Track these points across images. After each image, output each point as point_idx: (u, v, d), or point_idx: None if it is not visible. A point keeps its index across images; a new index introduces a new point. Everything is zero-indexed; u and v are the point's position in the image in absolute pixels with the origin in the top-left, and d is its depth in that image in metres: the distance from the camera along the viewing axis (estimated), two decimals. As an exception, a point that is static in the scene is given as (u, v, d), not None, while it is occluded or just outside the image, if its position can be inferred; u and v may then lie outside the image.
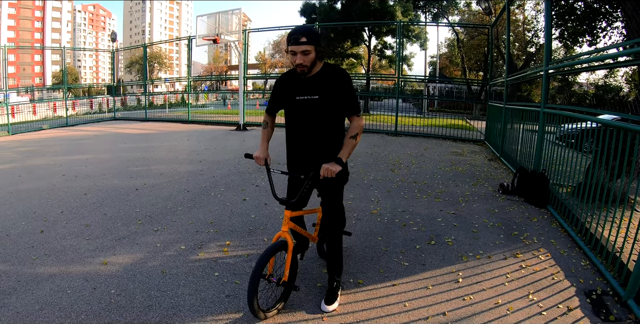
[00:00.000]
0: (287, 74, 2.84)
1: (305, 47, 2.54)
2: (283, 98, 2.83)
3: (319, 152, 2.78)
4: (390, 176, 7.16)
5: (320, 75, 2.70)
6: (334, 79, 2.68)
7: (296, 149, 2.90)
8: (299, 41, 2.53)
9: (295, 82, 2.74)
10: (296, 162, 2.94)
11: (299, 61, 2.56)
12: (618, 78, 11.93)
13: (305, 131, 2.79)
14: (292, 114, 2.82)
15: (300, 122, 2.79)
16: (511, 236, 4.39)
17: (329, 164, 2.58)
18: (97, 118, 19.38)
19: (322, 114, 2.73)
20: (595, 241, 3.81)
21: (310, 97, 2.69)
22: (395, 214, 5.06)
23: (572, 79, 6.77)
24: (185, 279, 3.34)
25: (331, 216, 2.93)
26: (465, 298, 3.10)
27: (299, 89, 2.72)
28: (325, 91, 2.67)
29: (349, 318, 2.80)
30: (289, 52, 2.59)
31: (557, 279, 3.40)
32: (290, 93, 2.76)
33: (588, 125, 4.35)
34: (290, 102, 2.78)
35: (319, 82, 2.68)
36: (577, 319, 2.82)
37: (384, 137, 12.79)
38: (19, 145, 11.26)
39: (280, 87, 2.85)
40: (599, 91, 5.66)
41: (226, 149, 10.05)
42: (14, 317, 2.75)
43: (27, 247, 3.95)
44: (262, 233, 4.38)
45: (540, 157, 5.88)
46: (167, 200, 5.56)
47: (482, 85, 16.68)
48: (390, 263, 3.70)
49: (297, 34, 2.54)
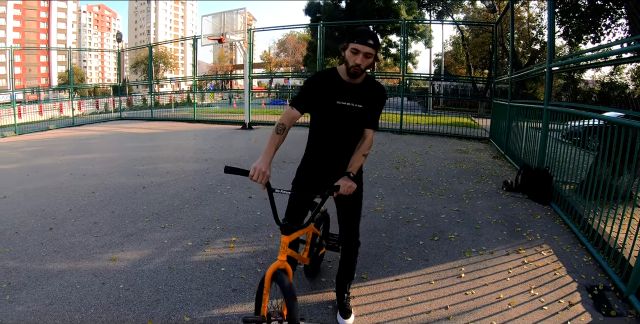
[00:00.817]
0: (326, 75, 2.59)
1: (370, 50, 2.39)
2: (319, 99, 2.54)
3: (340, 163, 2.60)
4: (395, 174, 7.20)
5: (365, 84, 2.57)
6: (377, 93, 2.60)
7: (319, 155, 2.67)
8: (367, 42, 2.37)
9: (338, 85, 2.54)
10: (316, 169, 2.68)
11: (359, 62, 2.39)
12: (624, 75, 11.90)
13: (338, 138, 2.61)
14: (326, 119, 2.59)
15: (334, 128, 2.59)
16: (514, 232, 4.43)
17: (347, 181, 2.34)
18: (103, 118, 19.53)
19: (359, 124, 2.59)
20: (598, 237, 3.84)
21: (353, 105, 2.53)
22: (399, 211, 5.10)
23: (578, 77, 6.78)
24: (192, 274, 3.40)
25: (350, 237, 2.77)
26: (467, 293, 3.15)
27: (341, 94, 2.53)
28: (368, 102, 2.56)
29: (352, 312, 2.84)
30: (349, 50, 2.40)
31: (559, 275, 3.43)
32: (330, 96, 2.53)
33: (593, 122, 4.37)
34: (327, 106, 2.55)
35: (364, 91, 2.55)
36: (578, 314, 2.85)
37: (389, 135, 12.82)
38: (26, 145, 11.38)
39: (318, 87, 2.55)
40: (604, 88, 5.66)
41: (232, 148, 10.13)
42: (24, 311, 2.82)
43: (36, 244, 4.02)
44: (268, 230, 4.44)
45: (543, 155, 5.90)
46: (173, 198, 5.62)
47: (487, 83, 16.68)
48: (393, 259, 3.75)
49: (365, 35, 2.38)
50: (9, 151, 10.20)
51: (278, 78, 45.47)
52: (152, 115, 18.92)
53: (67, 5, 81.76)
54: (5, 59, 14.37)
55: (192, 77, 18.13)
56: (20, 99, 17.94)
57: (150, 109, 19.57)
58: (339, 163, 2.60)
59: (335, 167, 2.60)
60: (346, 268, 2.84)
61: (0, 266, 3.53)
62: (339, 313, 2.83)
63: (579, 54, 5.54)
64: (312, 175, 2.69)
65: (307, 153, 2.74)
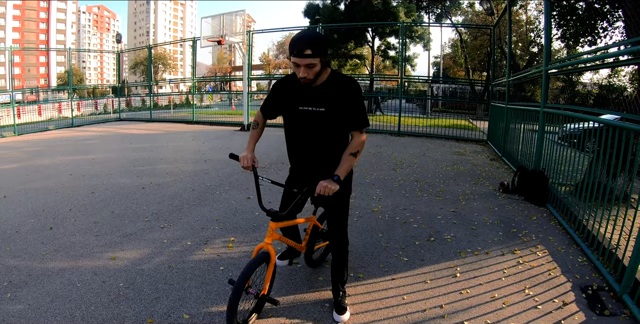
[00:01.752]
0: (290, 79, 2.53)
1: (310, 61, 2.23)
2: (283, 105, 2.55)
3: (321, 166, 2.57)
4: (392, 175, 7.24)
5: (327, 85, 2.42)
6: (343, 90, 2.41)
7: (297, 160, 2.70)
8: (303, 53, 2.20)
9: (299, 89, 2.45)
10: (297, 172, 2.76)
11: (303, 75, 2.28)
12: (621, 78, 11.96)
13: (307, 144, 2.56)
14: (293, 125, 2.56)
15: (301, 133, 2.55)
16: (510, 233, 4.47)
17: (327, 182, 2.32)
18: (102, 119, 19.54)
19: (327, 127, 2.48)
20: (593, 238, 3.88)
21: (315, 109, 2.43)
22: (396, 212, 5.15)
23: (576, 79, 6.84)
24: (191, 273, 3.44)
25: (335, 236, 2.80)
26: (462, 292, 3.19)
27: (302, 99, 2.45)
28: (332, 103, 2.41)
29: (348, 309, 2.88)
30: (292, 62, 2.29)
31: (553, 275, 3.47)
32: (292, 101, 2.49)
33: (589, 125, 4.41)
34: (291, 112, 2.52)
35: (326, 92, 2.42)
36: (572, 313, 2.89)
37: (387, 138, 12.87)
38: (26, 145, 11.39)
39: (281, 92, 2.54)
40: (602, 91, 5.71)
41: (231, 149, 10.13)
42: (26, 309, 2.86)
43: (37, 243, 4.06)
44: (266, 229, 4.45)
45: (540, 157, 5.95)
46: (173, 198, 5.67)
47: (485, 85, 16.75)
48: (390, 259, 3.79)
49: (301, 44, 2.20)
50: (8, 151, 10.22)
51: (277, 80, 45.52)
52: (151, 116, 18.94)
53: (66, 5, 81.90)
54: (5, 60, 14.41)
55: (191, 79, 18.18)
56: (19, 99, 17.94)
57: (149, 110, 19.59)
58: (316, 164, 2.60)
59: (315, 168, 2.60)
60: (336, 267, 2.86)
61: (1, 264, 3.57)
62: (334, 310, 2.85)
63: (575, 56, 5.59)
64: (298, 174, 2.77)
65: (288, 155, 2.78)
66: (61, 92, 26.77)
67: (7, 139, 12.92)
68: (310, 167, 2.64)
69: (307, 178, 2.64)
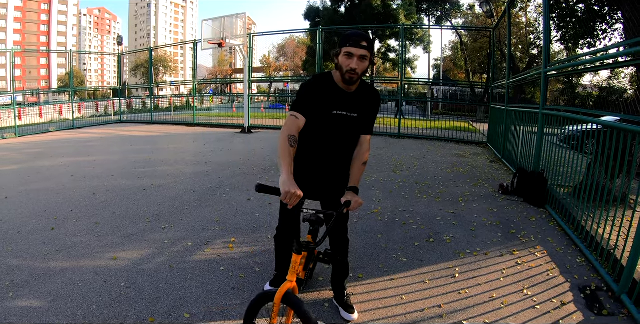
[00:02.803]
0: (321, 81, 2.46)
1: (365, 52, 2.28)
2: (316, 107, 2.42)
3: (339, 172, 2.60)
4: (392, 177, 7.27)
5: (360, 92, 2.49)
6: (372, 100, 2.54)
7: (315, 165, 2.60)
8: (360, 44, 2.26)
9: (334, 93, 2.44)
10: (309, 179, 2.58)
11: (354, 66, 2.28)
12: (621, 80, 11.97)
13: (332, 150, 2.55)
14: (322, 129, 2.48)
15: (329, 137, 2.51)
16: (509, 234, 4.49)
17: (354, 196, 2.33)
18: (103, 121, 19.58)
19: (355, 132, 2.55)
20: (591, 239, 3.89)
21: (349, 114, 2.46)
22: (395, 214, 5.18)
23: (577, 81, 6.86)
24: (192, 273, 3.46)
25: (343, 241, 2.83)
26: (461, 292, 3.21)
27: (337, 103, 2.44)
28: (363, 110, 2.50)
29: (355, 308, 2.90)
30: (343, 55, 2.30)
31: (552, 275, 3.49)
32: (326, 104, 2.43)
33: (588, 127, 4.44)
34: (324, 115, 2.44)
35: (359, 99, 2.48)
36: (570, 313, 2.91)
37: (387, 140, 12.91)
38: (27, 147, 11.43)
39: (316, 94, 2.42)
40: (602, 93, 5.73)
41: (231, 151, 10.20)
42: (28, 308, 2.88)
43: (38, 243, 4.08)
44: (266, 231, 4.50)
45: (539, 158, 5.98)
46: (174, 200, 5.69)
47: (485, 87, 16.80)
48: (389, 259, 3.81)
49: (358, 37, 2.27)
50: (9, 153, 10.26)
51: (277, 82, 45.66)
52: (152, 118, 19.00)
53: (67, 8, 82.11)
54: (6, 61, 14.49)
55: (192, 81, 18.23)
56: (20, 101, 18.00)
57: (150, 112, 19.64)
58: (333, 172, 2.60)
59: (330, 176, 2.60)
60: (340, 266, 2.88)
61: (3, 264, 3.58)
62: (342, 310, 2.87)
63: (573, 58, 5.63)
64: (304, 184, 2.36)
65: (298, 161, 2.54)
66: (62, 94, 26.80)
67: (8, 141, 12.96)
68: (324, 173, 2.61)
69: (316, 186, 2.60)
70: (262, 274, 3.47)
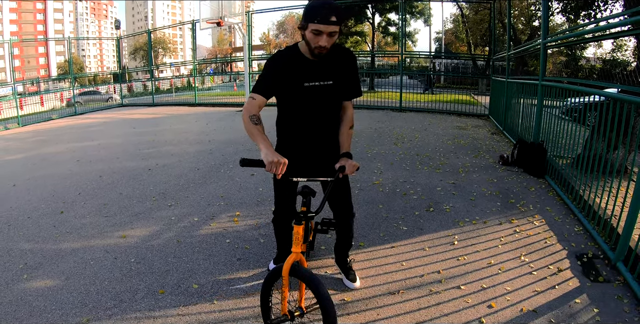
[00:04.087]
0: (285, 55, 2.33)
1: (334, 28, 2.10)
2: (284, 83, 2.30)
3: (328, 143, 2.49)
4: (393, 150, 7.34)
5: (330, 57, 2.31)
6: (346, 62, 2.39)
7: (301, 140, 2.51)
8: (329, 20, 2.06)
9: (301, 65, 2.30)
10: (297, 155, 2.43)
11: (324, 44, 2.12)
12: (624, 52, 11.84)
13: (314, 120, 2.43)
14: (297, 103, 2.38)
15: (307, 112, 2.40)
16: (508, 203, 4.56)
17: (348, 161, 2.31)
18: (105, 105, 19.60)
19: (334, 101, 2.43)
20: (589, 208, 3.93)
21: (323, 83, 2.33)
22: (396, 185, 5.26)
23: (580, 54, 6.82)
24: (199, 246, 3.58)
25: (348, 209, 2.72)
26: (460, 258, 3.31)
27: (307, 74, 2.30)
28: (338, 75, 2.36)
29: (357, 276, 2.99)
30: (311, 31, 2.12)
31: (549, 243, 3.55)
32: (295, 78, 2.30)
33: (590, 99, 4.41)
34: (294, 89, 2.32)
35: (331, 65, 2.34)
36: (566, 279, 2.98)
37: (388, 113, 12.89)
38: (31, 135, 11.49)
39: (280, 70, 2.28)
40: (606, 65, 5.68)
41: (234, 129, 10.24)
42: (42, 287, 2.99)
43: (49, 226, 4.19)
44: (270, 204, 4.59)
45: (539, 129, 5.99)
46: (178, 178, 5.79)
47: (486, 60, 16.64)
48: (389, 228, 3.91)
49: (326, 11, 2.05)
50: (14, 142, 10.33)
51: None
52: (154, 100, 18.97)
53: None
54: (4, 52, 14.48)
55: (192, 62, 18.15)
56: (21, 91, 18.00)
57: (152, 94, 19.62)
58: (320, 143, 2.50)
59: (319, 148, 2.50)
60: (344, 238, 2.87)
61: (16, 248, 3.69)
62: (345, 278, 2.94)
63: (572, 29, 5.59)
64: (296, 163, 2.37)
65: (281, 138, 2.57)
66: (62, 82, 26.78)
67: (12, 131, 13.05)
68: (316, 145, 2.50)
69: (304, 160, 2.48)
70: (266, 245, 3.58)
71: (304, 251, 2.27)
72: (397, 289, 2.89)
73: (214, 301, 2.77)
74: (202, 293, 2.86)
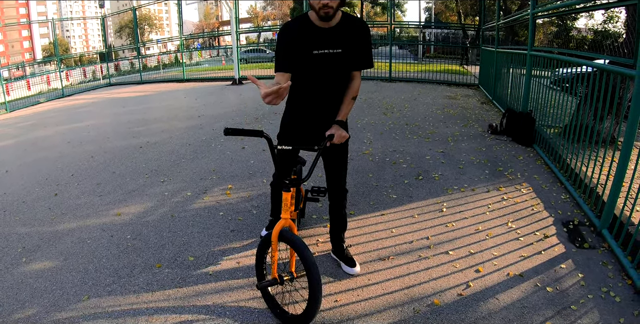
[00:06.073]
0: (296, 24, 2.32)
1: None
2: (296, 52, 2.29)
3: (332, 112, 2.46)
4: (383, 120, 7.39)
5: (341, 26, 2.32)
6: (358, 31, 2.36)
7: (307, 107, 2.52)
8: None
9: (311, 33, 2.29)
10: (303, 121, 2.55)
11: (326, 1, 2.11)
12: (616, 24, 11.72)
13: (320, 90, 2.44)
14: (307, 70, 2.36)
15: (315, 79, 2.40)
16: (496, 171, 4.64)
17: (339, 130, 2.33)
18: (92, 86, 19.26)
19: (343, 70, 2.42)
20: (576, 176, 4.00)
21: (332, 51, 2.31)
22: (386, 154, 5.33)
23: (571, 25, 6.74)
24: (193, 220, 3.66)
25: (341, 183, 2.70)
26: (448, 225, 3.41)
27: (316, 42, 2.29)
28: (348, 44, 2.34)
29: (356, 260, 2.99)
30: None
31: (536, 210, 3.65)
32: (305, 46, 2.29)
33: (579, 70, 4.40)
34: (305, 57, 2.31)
35: (341, 34, 2.32)
36: (552, 245, 3.08)
37: (378, 84, 12.85)
38: (19, 121, 11.22)
39: (291, 40, 2.29)
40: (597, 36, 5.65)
41: (223, 104, 10.22)
42: (42, 269, 3.04)
43: (44, 209, 4.21)
44: (261, 176, 4.71)
45: (527, 99, 6.03)
46: (170, 154, 5.82)
47: (477, 29, 16.48)
48: (379, 196, 4.00)
49: None
50: (3, 128, 10.10)
51: (266, 31, 44.51)
52: (142, 78, 18.69)
53: (43, -25, 78.46)
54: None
55: (179, 37, 17.87)
56: (6, 76, 17.61)
57: (139, 72, 19.32)
58: (326, 112, 2.47)
59: (323, 117, 2.47)
60: (338, 217, 2.79)
61: (13, 233, 3.71)
62: (343, 264, 2.82)
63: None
64: (298, 127, 2.57)
65: (289, 105, 2.61)
66: (48, 64, 26.27)
67: (0, 117, 12.84)
68: (317, 114, 2.50)
69: (310, 128, 2.52)
70: (259, 216, 3.66)
71: (294, 218, 2.36)
72: (387, 255, 2.98)
73: (210, 271, 2.84)
74: (198, 265, 2.93)
